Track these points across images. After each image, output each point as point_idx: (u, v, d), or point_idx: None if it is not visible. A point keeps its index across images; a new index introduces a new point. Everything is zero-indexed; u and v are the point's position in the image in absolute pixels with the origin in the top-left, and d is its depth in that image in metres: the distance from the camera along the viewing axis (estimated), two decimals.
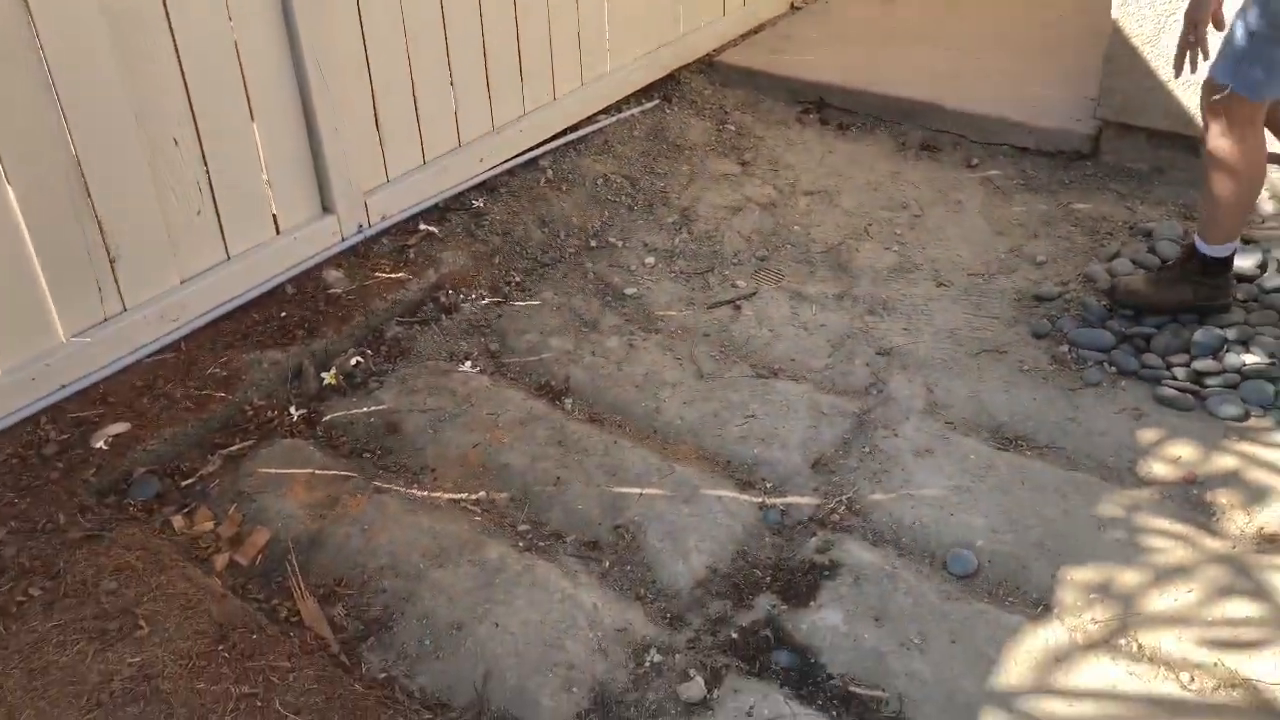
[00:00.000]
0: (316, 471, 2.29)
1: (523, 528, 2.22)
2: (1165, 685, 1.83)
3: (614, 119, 3.70)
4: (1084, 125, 3.47)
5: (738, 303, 2.92)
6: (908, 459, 2.35)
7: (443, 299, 2.88)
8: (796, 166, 3.56)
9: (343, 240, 2.93)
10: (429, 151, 3.14)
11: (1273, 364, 2.53)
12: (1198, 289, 2.66)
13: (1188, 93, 3.18)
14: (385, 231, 3.03)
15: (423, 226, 3.08)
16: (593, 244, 3.17)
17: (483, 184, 3.29)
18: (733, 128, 3.78)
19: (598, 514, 2.23)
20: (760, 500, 2.27)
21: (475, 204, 3.22)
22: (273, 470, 2.29)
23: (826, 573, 2.08)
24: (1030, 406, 2.49)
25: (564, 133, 3.57)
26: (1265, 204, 3.14)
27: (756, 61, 4.10)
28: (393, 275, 2.89)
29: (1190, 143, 3.25)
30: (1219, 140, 2.48)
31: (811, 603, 2.02)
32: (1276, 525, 2.13)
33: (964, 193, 3.38)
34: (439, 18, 3.03)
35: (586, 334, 2.79)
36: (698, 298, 2.95)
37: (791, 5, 4.54)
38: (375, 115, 2.94)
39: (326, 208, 2.88)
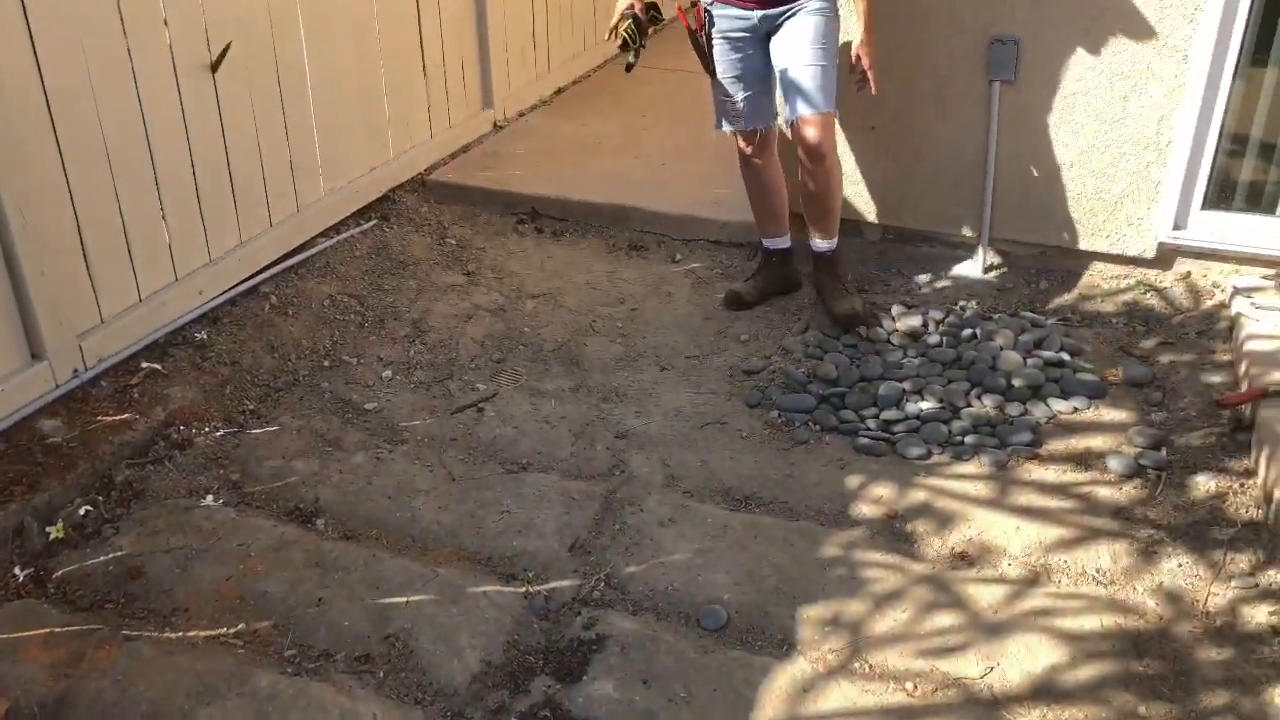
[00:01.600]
0: (55, 630, 2.15)
1: (290, 653, 2.19)
2: (895, 696, 2.09)
3: (334, 241, 3.75)
4: None
5: (480, 405, 3.04)
6: (654, 530, 2.54)
7: (174, 435, 2.80)
8: (519, 273, 3.76)
9: (57, 387, 2.78)
10: (145, 288, 3.06)
11: (943, 407, 2.96)
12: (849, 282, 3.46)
13: (848, 184, 3.69)
14: (105, 373, 2.90)
15: (145, 364, 2.98)
16: (326, 364, 3.19)
17: (205, 315, 3.24)
18: (453, 241, 3.94)
19: (366, 627, 2.24)
20: (525, 590, 2.37)
21: (199, 336, 3.16)
22: (3, 636, 2.13)
23: (595, 647, 2.20)
24: (753, 469, 2.77)
25: (284, 258, 3.58)
26: (920, 274, 3.67)
27: (469, 178, 4.31)
28: (117, 417, 2.78)
29: (853, 225, 3.76)
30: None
31: (584, 677, 2.13)
32: (964, 545, 2.50)
33: (673, 285, 3.70)
34: (145, 152, 3.00)
35: (331, 453, 2.81)
36: (440, 405, 3.04)
37: (495, 124, 4.80)
38: (84, 255, 2.85)
39: (36, 354, 2.74)
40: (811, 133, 3.14)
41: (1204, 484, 2.65)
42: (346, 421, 2.95)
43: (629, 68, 3.30)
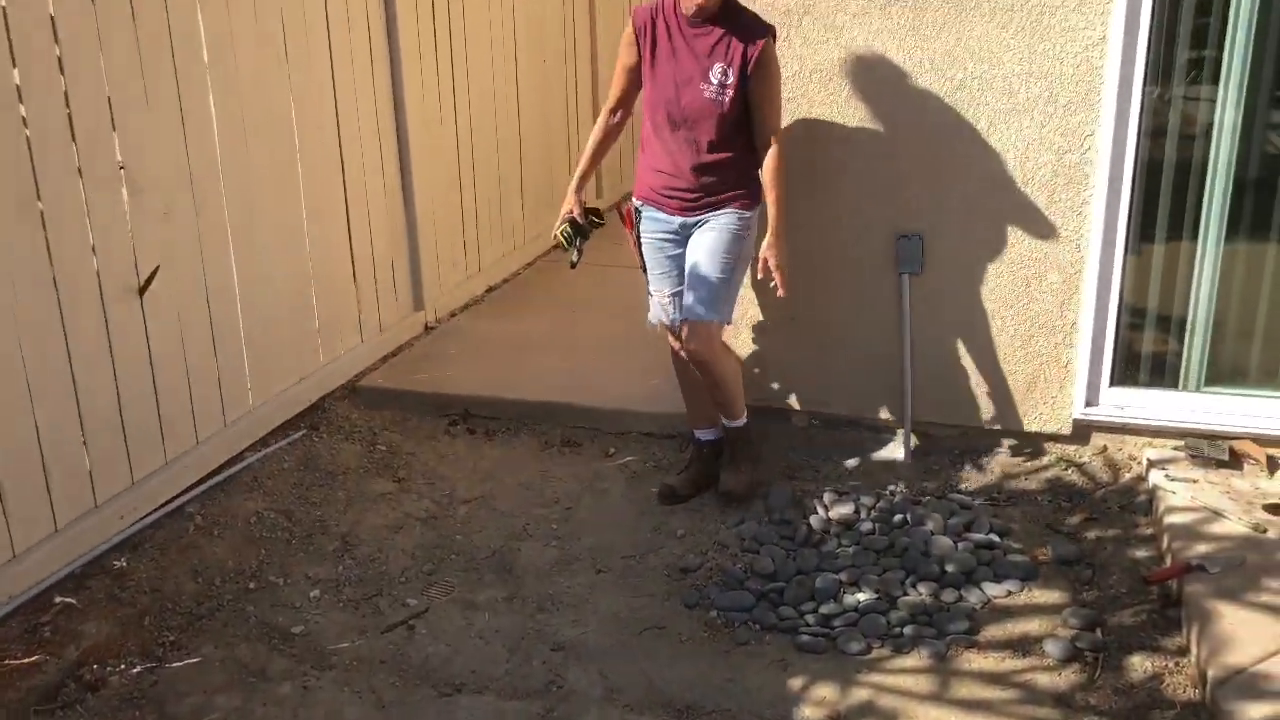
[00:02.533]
0: None
1: None
2: None
3: (261, 454, 3.72)
4: None
5: (411, 622, 2.96)
6: None
7: (87, 676, 2.67)
8: (451, 477, 3.74)
9: None
10: (61, 517, 2.99)
11: (880, 598, 2.96)
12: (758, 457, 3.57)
13: (774, 372, 3.79)
14: (15, 612, 2.79)
15: (59, 599, 2.87)
16: (252, 586, 3.10)
17: (125, 541, 3.15)
18: (384, 447, 3.93)
19: None
20: None
21: (117, 564, 3.07)
22: None
23: None
24: (694, 675, 2.71)
25: (211, 475, 3.53)
26: (848, 458, 3.73)
27: (400, 381, 4.34)
28: (25, 660, 2.65)
29: (779, 412, 3.84)
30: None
31: None
32: None
33: (607, 481, 3.71)
34: (68, 378, 2.99)
35: (256, 685, 2.69)
36: (369, 623, 2.95)
37: (426, 325, 4.88)
38: None
39: None
40: (691, 340, 3.29)
41: (1140, 664, 2.66)
42: (272, 648, 2.84)
43: (572, 265, 3.53)
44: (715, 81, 3.10)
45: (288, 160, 3.88)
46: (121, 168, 3.16)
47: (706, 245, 3.23)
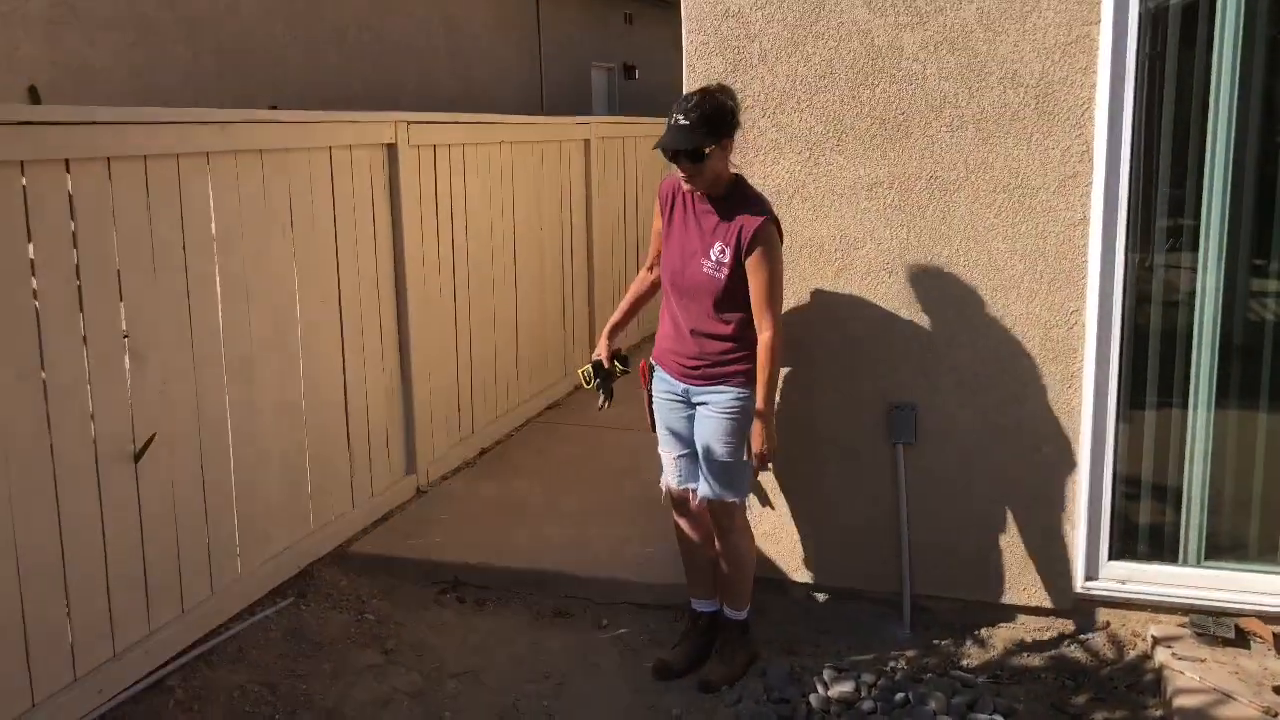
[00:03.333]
0: None
1: None
2: None
3: (247, 624, 3.63)
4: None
5: None
6: None
7: None
8: (440, 648, 3.65)
9: None
10: (40, 691, 2.89)
11: None
12: (748, 646, 3.48)
13: (770, 543, 3.76)
14: None
15: None
16: None
17: (102, 717, 3.04)
18: (372, 616, 3.84)
19: None
20: None
21: None
22: None
23: None
24: None
25: (194, 645, 3.43)
26: (847, 632, 3.66)
27: (390, 548, 4.28)
28: None
29: (777, 584, 3.78)
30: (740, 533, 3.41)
31: None
32: None
33: (600, 655, 3.61)
34: (57, 549, 2.94)
35: None
36: None
37: (418, 489, 4.85)
38: None
39: None
40: (718, 515, 3.35)
41: None
42: None
43: (600, 407, 3.55)
44: (713, 259, 3.19)
45: (288, 330, 3.95)
46: (125, 336, 3.20)
47: (710, 431, 3.27)
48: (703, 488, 3.33)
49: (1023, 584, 3.57)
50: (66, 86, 6.72)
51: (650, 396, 3.46)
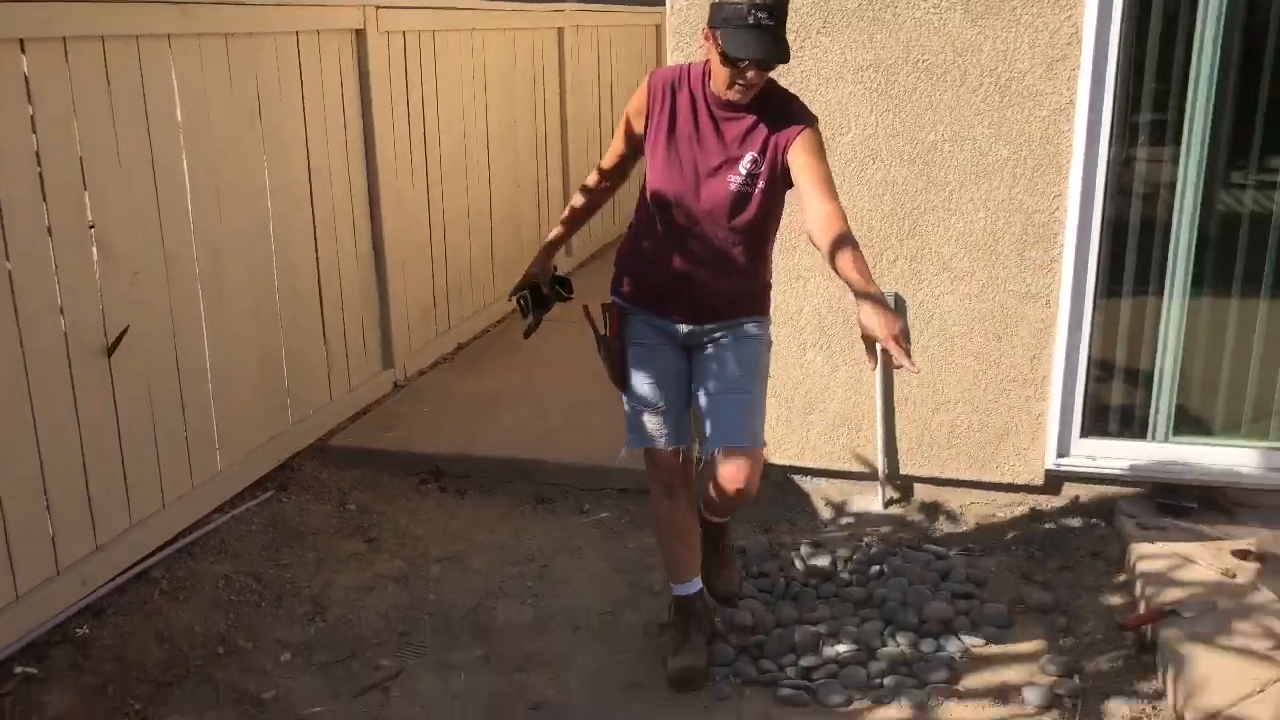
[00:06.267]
0: None
1: None
2: None
3: (229, 516, 3.65)
4: None
5: (385, 685, 2.89)
6: None
7: None
8: (423, 536, 3.70)
9: None
10: (23, 583, 2.90)
11: (859, 649, 2.94)
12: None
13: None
14: None
15: (19, 669, 2.78)
16: (220, 651, 3.02)
17: (88, 607, 3.07)
18: (354, 507, 3.87)
19: None
20: None
21: (80, 631, 2.98)
22: None
23: None
24: None
25: (177, 537, 3.46)
26: (823, 510, 3.74)
27: (370, 440, 4.30)
28: None
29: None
30: None
31: None
32: None
33: (581, 539, 3.68)
34: (32, 443, 2.93)
35: None
36: (343, 688, 2.88)
37: (396, 384, 4.85)
38: None
39: None
40: (737, 471, 2.66)
41: (1118, 709, 2.66)
42: (243, 715, 2.77)
43: (526, 334, 3.05)
44: (744, 171, 2.57)
45: (259, 223, 3.88)
46: (91, 227, 3.14)
47: (734, 361, 2.70)
48: (726, 436, 2.67)
49: (996, 462, 3.64)
50: None
51: (621, 347, 2.81)
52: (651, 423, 2.80)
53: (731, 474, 2.68)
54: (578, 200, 2.99)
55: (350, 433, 4.39)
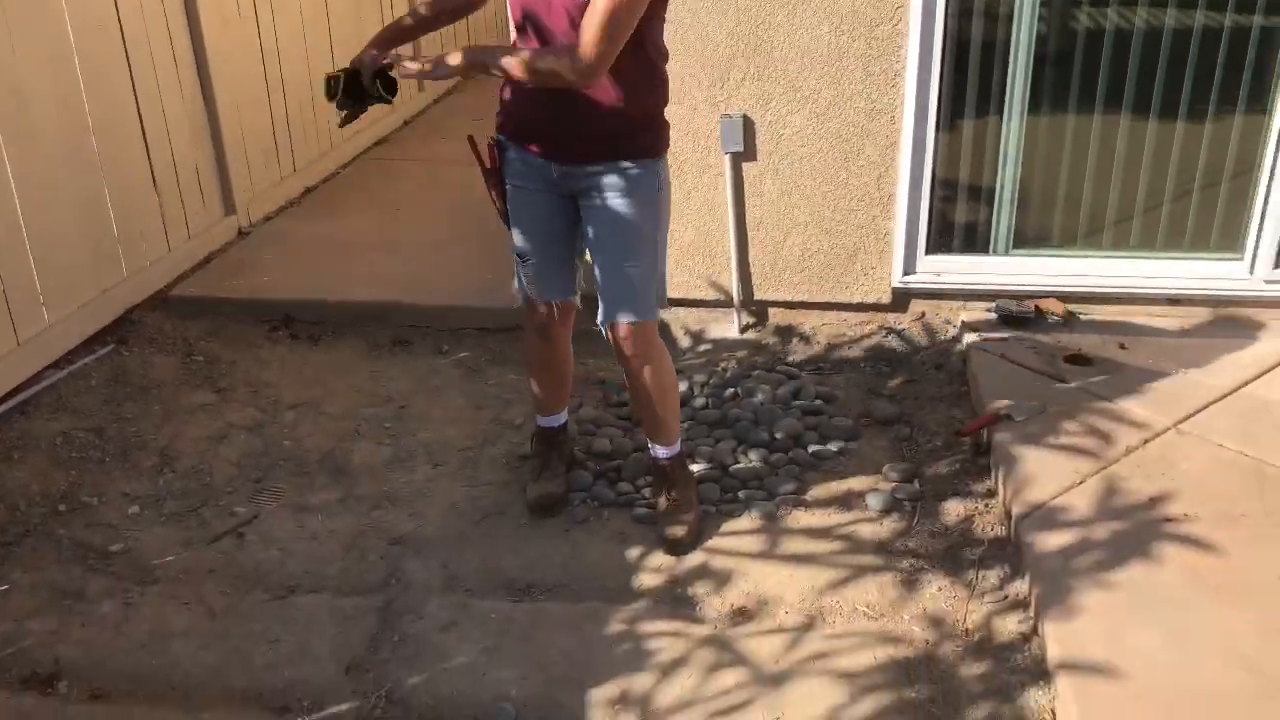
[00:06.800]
0: None
1: None
2: None
3: (65, 372, 3.48)
4: None
5: (239, 531, 2.86)
6: (435, 636, 2.45)
7: None
8: (275, 384, 3.60)
9: None
10: None
11: (713, 468, 3.03)
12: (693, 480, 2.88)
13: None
14: None
15: None
16: (63, 509, 2.92)
17: None
18: (201, 358, 3.73)
19: None
20: None
21: None
22: None
23: None
24: (534, 556, 2.73)
25: (7, 397, 3.28)
26: (682, 339, 3.78)
27: (214, 289, 4.12)
28: None
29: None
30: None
31: None
32: (743, 600, 2.54)
33: (440, 378, 3.64)
34: None
35: (72, 606, 2.56)
36: (195, 536, 2.84)
37: (240, 231, 4.63)
38: None
39: None
40: (626, 344, 2.61)
41: (953, 509, 2.82)
42: (89, 569, 2.70)
43: (341, 124, 2.66)
44: None
45: (64, 61, 3.54)
46: None
47: (608, 226, 2.50)
48: (608, 309, 2.58)
49: (846, 282, 3.71)
50: None
51: (500, 182, 2.61)
52: (524, 272, 2.69)
53: (622, 347, 2.63)
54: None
55: (193, 282, 4.19)
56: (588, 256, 2.64)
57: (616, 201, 2.47)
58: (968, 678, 2.27)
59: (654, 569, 2.66)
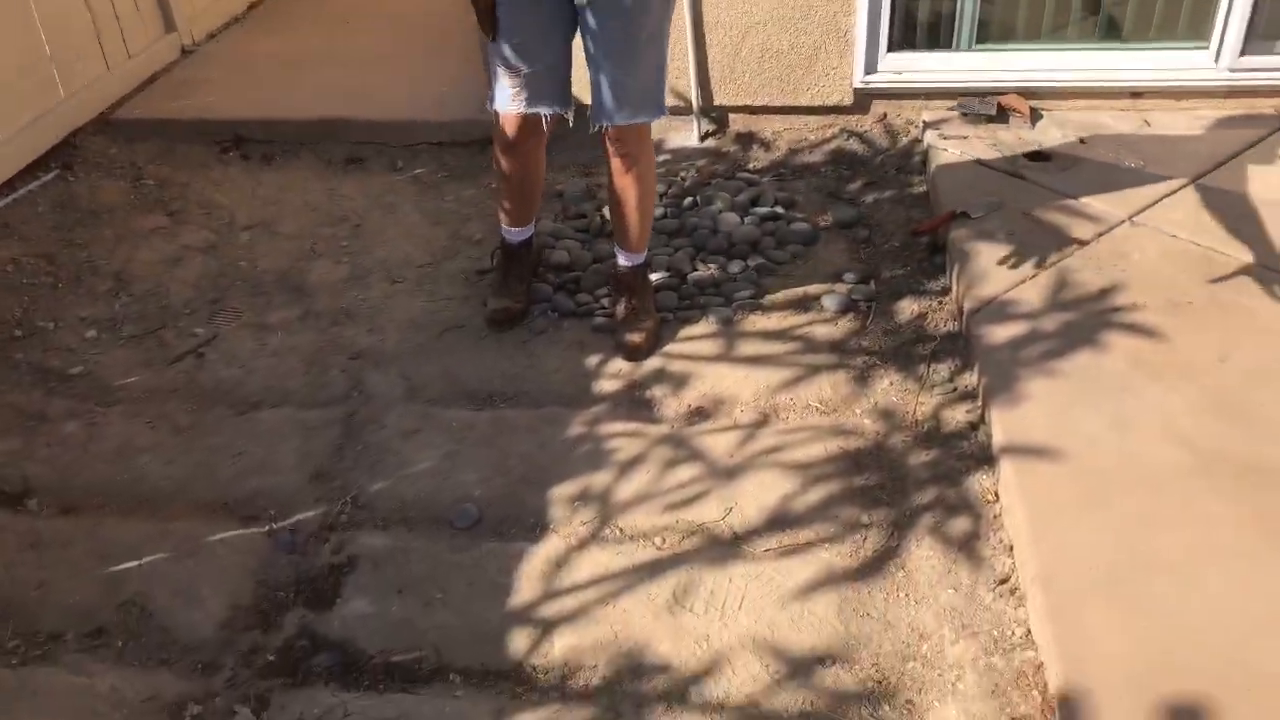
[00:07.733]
0: None
1: (13, 644, 2.04)
2: (645, 552, 2.18)
3: (9, 199, 3.40)
4: (486, 115, 3.83)
5: (200, 350, 2.87)
6: (398, 444, 2.50)
7: None
8: (229, 205, 3.53)
9: None
10: None
11: (671, 276, 3.03)
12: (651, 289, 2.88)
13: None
14: None
15: None
16: (18, 334, 2.91)
17: None
18: (151, 181, 3.65)
19: (96, 600, 2.11)
20: (267, 528, 2.29)
21: None
22: None
23: (346, 569, 2.17)
24: (494, 366, 2.76)
25: None
26: None
27: (160, 110, 3.98)
28: None
29: (578, 111, 3.72)
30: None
31: (337, 600, 2.10)
32: (699, 401, 2.59)
33: (396, 195, 3.58)
34: None
35: (36, 427, 2.59)
36: (155, 357, 2.85)
37: (183, 49, 4.44)
38: None
39: None
40: (628, 142, 2.59)
41: (908, 307, 2.85)
42: (50, 392, 2.72)
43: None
44: None
45: None
46: None
47: (627, 19, 2.40)
48: (610, 109, 2.51)
49: (807, 84, 3.62)
50: None
51: None
52: (513, 84, 2.53)
53: (618, 143, 2.59)
54: None
55: (137, 103, 4.05)
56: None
57: (627, 3, 2.37)
58: (915, 465, 2.34)
59: (612, 375, 2.70)
